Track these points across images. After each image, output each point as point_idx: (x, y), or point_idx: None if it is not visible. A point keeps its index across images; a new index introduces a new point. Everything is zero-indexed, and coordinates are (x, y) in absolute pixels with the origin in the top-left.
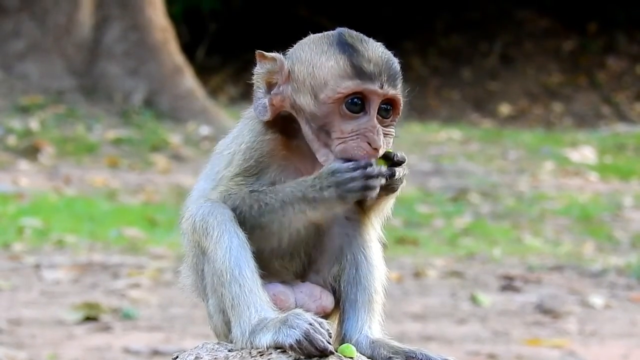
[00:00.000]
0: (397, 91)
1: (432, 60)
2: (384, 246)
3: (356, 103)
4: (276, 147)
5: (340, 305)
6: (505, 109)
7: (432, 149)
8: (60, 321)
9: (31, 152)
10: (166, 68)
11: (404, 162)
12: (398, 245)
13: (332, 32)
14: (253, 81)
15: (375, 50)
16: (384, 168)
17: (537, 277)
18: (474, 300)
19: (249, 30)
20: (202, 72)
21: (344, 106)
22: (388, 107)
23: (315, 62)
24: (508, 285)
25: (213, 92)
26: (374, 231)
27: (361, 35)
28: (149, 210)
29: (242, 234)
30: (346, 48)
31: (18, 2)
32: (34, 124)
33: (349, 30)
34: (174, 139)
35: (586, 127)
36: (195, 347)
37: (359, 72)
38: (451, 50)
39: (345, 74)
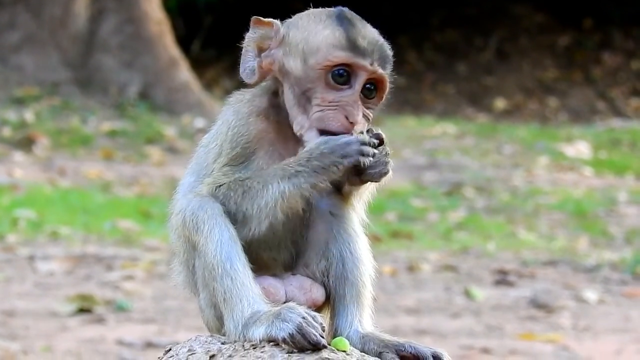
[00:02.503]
0: (386, 73)
1: (427, 55)
2: (378, 240)
3: (342, 74)
4: (262, 130)
5: (330, 300)
6: (500, 103)
7: (427, 143)
8: (54, 313)
9: (26, 143)
10: (161, 61)
11: (382, 141)
12: (392, 239)
13: (332, 8)
14: (242, 45)
15: (371, 31)
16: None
17: (531, 271)
18: (467, 294)
19: (245, 24)
20: (198, 65)
21: (330, 75)
22: (372, 87)
23: (311, 29)
24: (502, 279)
25: (208, 85)
26: (360, 226)
27: (359, 17)
28: (144, 202)
29: (232, 228)
30: (344, 22)
31: None
32: (28, 115)
33: (349, 9)
34: (169, 131)
35: (581, 123)
36: (189, 340)
37: (352, 45)
38: (447, 45)
39: (339, 44)
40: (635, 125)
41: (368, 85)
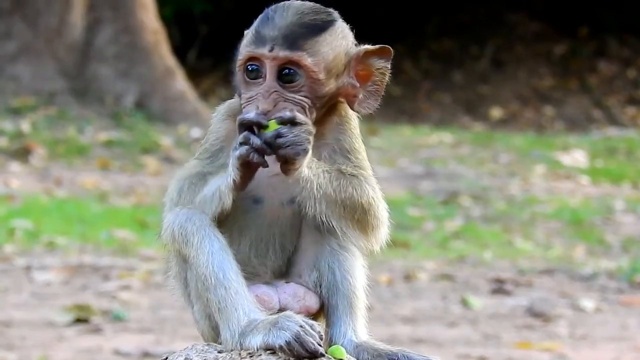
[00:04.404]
0: (295, 53)
1: (423, 64)
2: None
3: (252, 70)
4: (232, 129)
5: (325, 310)
6: (496, 112)
7: (423, 152)
8: (51, 323)
9: (22, 153)
10: (157, 70)
11: (293, 121)
12: (388, 248)
13: None
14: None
15: (287, 17)
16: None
17: (528, 280)
18: (464, 303)
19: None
20: (194, 75)
21: (245, 74)
22: (289, 71)
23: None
24: (499, 288)
25: (204, 95)
26: (345, 239)
27: (296, 4)
28: (140, 212)
29: (222, 237)
30: (263, 16)
31: (9, 3)
32: (25, 125)
33: (294, 1)
34: (165, 141)
35: (577, 131)
36: (185, 349)
37: (255, 38)
38: (442, 53)
39: (248, 42)
40: (631, 133)
41: (286, 71)
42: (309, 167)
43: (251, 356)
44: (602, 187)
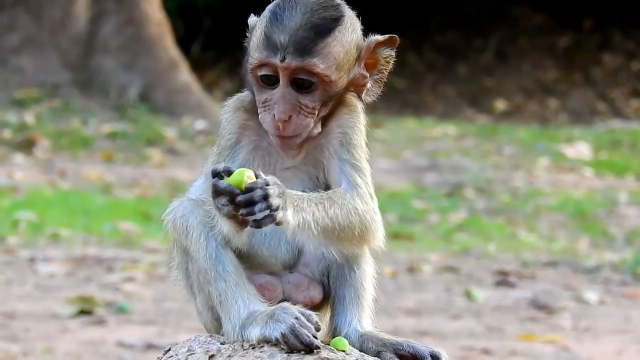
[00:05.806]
0: (307, 62)
1: (427, 56)
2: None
3: (268, 76)
4: (244, 119)
5: (330, 300)
6: (500, 104)
7: (427, 145)
8: (55, 315)
9: (26, 145)
10: (162, 62)
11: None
12: (393, 240)
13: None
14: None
15: (295, 18)
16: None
17: (532, 272)
18: (468, 295)
19: (244, 26)
20: (198, 67)
21: (259, 76)
22: (303, 79)
23: (254, 28)
24: (502, 280)
25: (208, 87)
26: (351, 258)
27: (296, 2)
28: (144, 204)
29: None
30: (271, 15)
31: None
32: (29, 117)
33: None
34: (169, 133)
35: (581, 123)
36: (188, 340)
37: (266, 43)
38: (446, 46)
39: (260, 44)
40: (635, 126)
41: (299, 78)
42: (300, 211)
43: (254, 348)
44: (606, 179)
